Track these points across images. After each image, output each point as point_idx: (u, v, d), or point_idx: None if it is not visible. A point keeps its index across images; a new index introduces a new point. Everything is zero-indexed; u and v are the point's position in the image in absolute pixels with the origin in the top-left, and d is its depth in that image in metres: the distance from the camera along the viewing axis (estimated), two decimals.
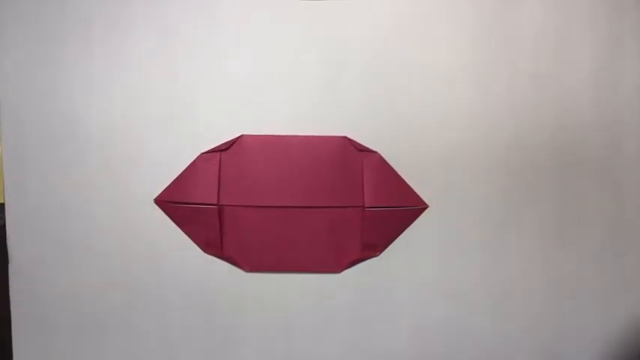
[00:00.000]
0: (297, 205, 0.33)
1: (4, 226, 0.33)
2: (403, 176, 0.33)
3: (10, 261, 0.33)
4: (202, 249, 0.33)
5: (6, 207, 0.33)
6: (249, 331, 0.33)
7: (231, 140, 0.33)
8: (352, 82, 0.33)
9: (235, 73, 0.33)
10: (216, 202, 0.33)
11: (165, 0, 0.33)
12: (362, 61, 0.33)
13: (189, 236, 0.33)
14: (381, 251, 0.34)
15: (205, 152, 0.33)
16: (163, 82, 0.33)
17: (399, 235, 0.34)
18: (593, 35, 0.34)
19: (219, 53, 0.33)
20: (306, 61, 0.33)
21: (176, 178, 0.33)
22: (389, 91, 0.33)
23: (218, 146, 0.33)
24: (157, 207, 0.33)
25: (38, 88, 0.33)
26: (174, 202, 0.33)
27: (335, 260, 0.33)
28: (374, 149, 0.33)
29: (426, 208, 0.34)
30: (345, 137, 0.33)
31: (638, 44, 0.34)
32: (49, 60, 0.33)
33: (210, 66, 0.33)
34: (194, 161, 0.33)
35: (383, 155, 0.33)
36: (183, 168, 0.33)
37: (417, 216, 0.33)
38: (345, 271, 0.33)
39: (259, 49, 0.33)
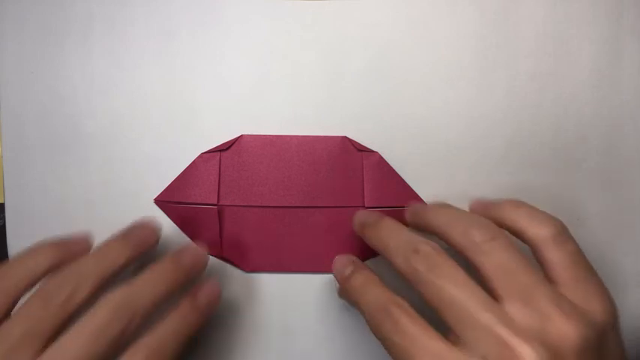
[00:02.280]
0: (297, 205, 0.33)
1: (4, 226, 0.33)
2: (403, 176, 0.33)
3: None
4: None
5: (6, 207, 0.33)
6: (249, 331, 0.33)
7: (232, 140, 0.33)
8: (352, 83, 0.33)
9: (235, 73, 0.33)
10: (216, 203, 0.33)
11: (166, 0, 0.33)
12: (362, 61, 0.33)
13: (189, 236, 0.33)
14: None
15: (205, 152, 0.33)
16: (163, 82, 0.33)
17: None
18: (593, 35, 0.34)
19: (220, 53, 0.33)
20: (306, 61, 0.33)
21: (176, 178, 0.33)
22: (389, 91, 0.33)
23: (218, 146, 0.33)
24: (156, 207, 0.33)
25: (38, 88, 0.33)
26: (174, 202, 0.33)
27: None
28: (374, 149, 0.33)
29: None
30: (344, 137, 0.33)
31: (638, 44, 0.34)
32: (49, 60, 0.33)
33: (210, 66, 0.33)
34: (194, 161, 0.33)
35: (383, 155, 0.33)
36: (184, 168, 0.33)
37: None
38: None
39: (259, 49, 0.33)
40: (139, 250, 0.27)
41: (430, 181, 0.33)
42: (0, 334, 0.21)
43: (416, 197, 0.33)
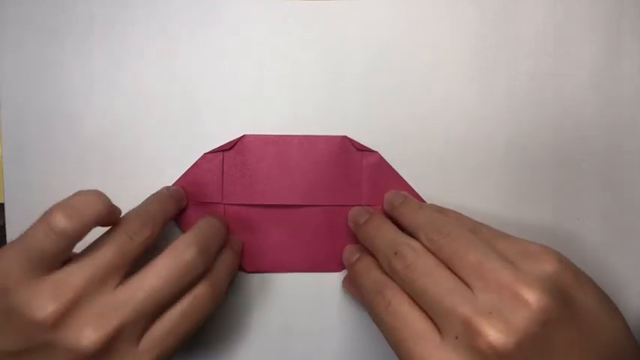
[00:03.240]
0: (299, 203, 0.33)
1: (4, 226, 0.33)
2: (403, 176, 0.33)
3: None
4: None
5: (6, 207, 0.33)
6: (249, 331, 0.33)
7: (234, 140, 0.33)
8: (352, 83, 0.33)
9: (236, 73, 0.33)
10: (220, 201, 0.33)
11: (166, 0, 0.33)
12: (362, 61, 0.33)
13: None
14: None
15: (208, 152, 0.33)
16: (163, 82, 0.33)
17: None
18: (593, 35, 0.34)
19: (220, 53, 0.33)
20: (306, 61, 0.33)
21: (179, 179, 0.33)
22: (389, 91, 0.33)
23: (221, 146, 0.33)
24: None
25: (38, 88, 0.33)
26: None
27: (336, 259, 0.33)
28: (374, 149, 0.33)
29: None
30: (345, 137, 0.33)
31: (638, 44, 0.34)
32: (49, 60, 0.33)
33: (210, 66, 0.33)
34: (197, 161, 0.33)
35: (383, 155, 0.33)
36: (184, 168, 0.33)
37: None
38: (346, 270, 0.33)
39: (259, 49, 0.33)
40: (180, 205, 0.32)
41: (430, 181, 0.33)
42: (90, 261, 0.24)
43: (416, 197, 0.33)
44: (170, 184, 0.33)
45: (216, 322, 0.34)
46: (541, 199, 0.34)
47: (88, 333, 0.22)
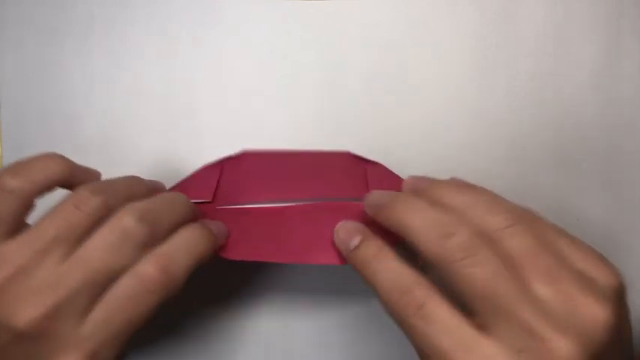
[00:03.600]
0: (299, 204, 0.32)
1: None
2: (402, 176, 0.33)
3: None
4: None
5: None
6: (248, 332, 0.33)
7: (234, 154, 0.32)
8: (352, 83, 0.33)
9: (235, 73, 0.33)
10: (211, 200, 0.32)
11: (166, 0, 0.33)
12: (362, 61, 0.33)
13: None
14: None
15: (207, 164, 0.32)
16: (163, 82, 0.33)
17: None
18: (593, 35, 0.34)
19: (220, 53, 0.33)
20: (306, 61, 0.33)
21: (173, 186, 0.32)
22: (389, 91, 0.33)
23: (221, 158, 0.32)
24: None
25: (38, 88, 0.33)
26: None
27: (338, 255, 0.31)
28: (373, 149, 0.33)
29: None
30: (348, 152, 0.32)
31: (638, 44, 0.34)
32: (49, 60, 0.33)
33: (210, 66, 0.33)
34: (194, 173, 0.31)
35: (383, 155, 0.33)
36: (183, 168, 0.33)
37: None
38: (347, 269, 0.33)
39: (259, 49, 0.33)
40: (153, 193, 0.28)
41: None
42: (34, 234, 0.22)
43: None
44: (169, 185, 0.33)
45: (216, 321, 0.34)
46: (541, 199, 0.34)
47: (22, 311, 0.20)
